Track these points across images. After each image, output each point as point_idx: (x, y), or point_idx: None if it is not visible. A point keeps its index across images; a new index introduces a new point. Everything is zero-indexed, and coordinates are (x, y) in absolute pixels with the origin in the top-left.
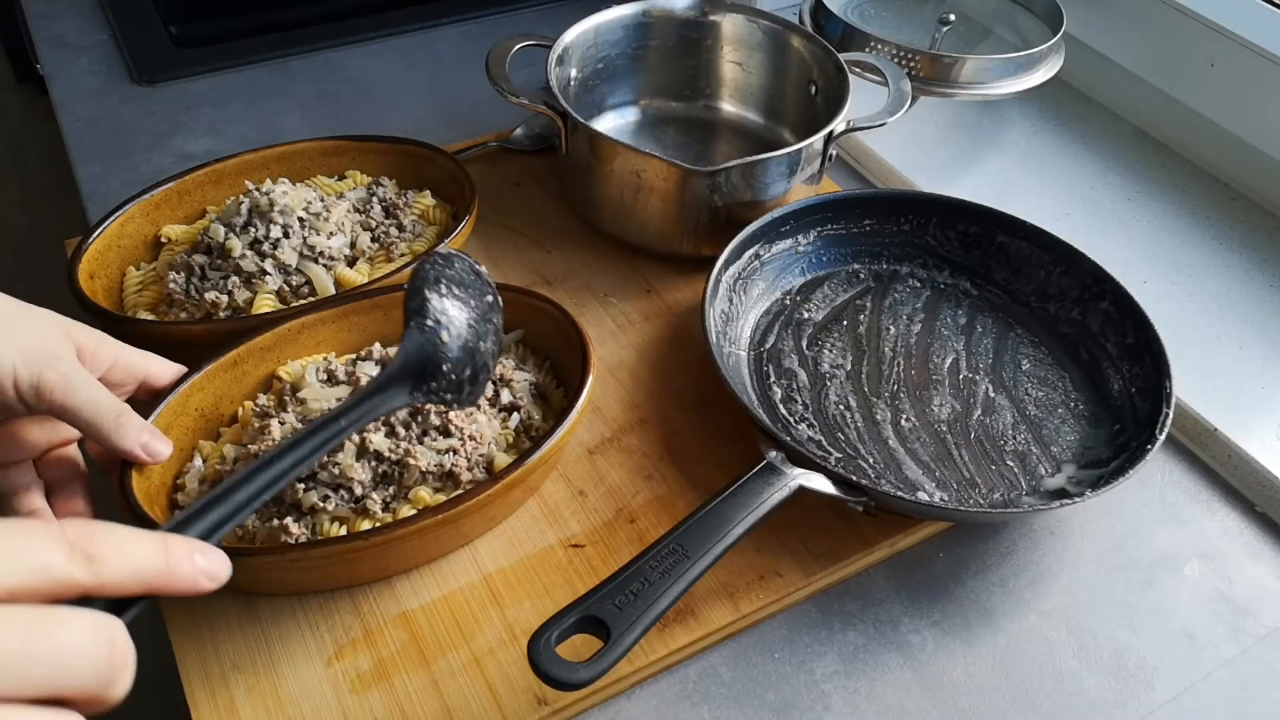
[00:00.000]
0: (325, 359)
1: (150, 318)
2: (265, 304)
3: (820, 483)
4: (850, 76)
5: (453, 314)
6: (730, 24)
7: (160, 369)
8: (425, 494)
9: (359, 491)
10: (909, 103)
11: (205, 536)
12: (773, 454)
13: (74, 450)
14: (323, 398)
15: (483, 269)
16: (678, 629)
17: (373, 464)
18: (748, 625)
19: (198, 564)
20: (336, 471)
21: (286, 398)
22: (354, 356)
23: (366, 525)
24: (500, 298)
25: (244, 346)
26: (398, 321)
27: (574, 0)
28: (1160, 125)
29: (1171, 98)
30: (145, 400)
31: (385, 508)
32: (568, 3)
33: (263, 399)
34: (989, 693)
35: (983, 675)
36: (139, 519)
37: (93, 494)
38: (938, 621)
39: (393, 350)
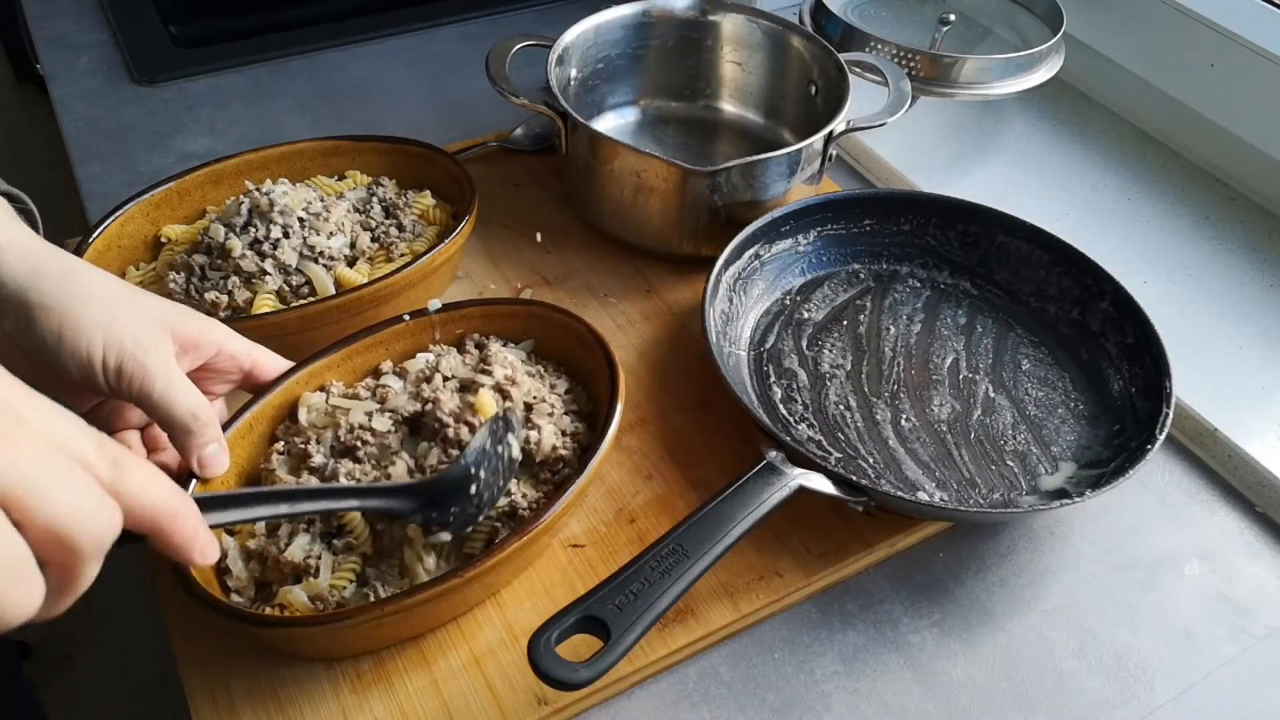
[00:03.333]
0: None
1: None
2: (265, 304)
3: (820, 483)
4: (850, 76)
5: (490, 475)
6: (730, 24)
7: (267, 361)
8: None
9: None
10: (909, 103)
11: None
12: (773, 454)
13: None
14: (352, 407)
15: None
16: (678, 629)
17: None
18: (748, 625)
19: (201, 534)
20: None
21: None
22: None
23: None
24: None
25: (255, 410)
26: (399, 354)
27: (574, 0)
28: (1160, 125)
29: (1171, 98)
30: (250, 392)
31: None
32: (568, 3)
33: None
34: (989, 693)
35: (983, 675)
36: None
37: None
38: (938, 621)
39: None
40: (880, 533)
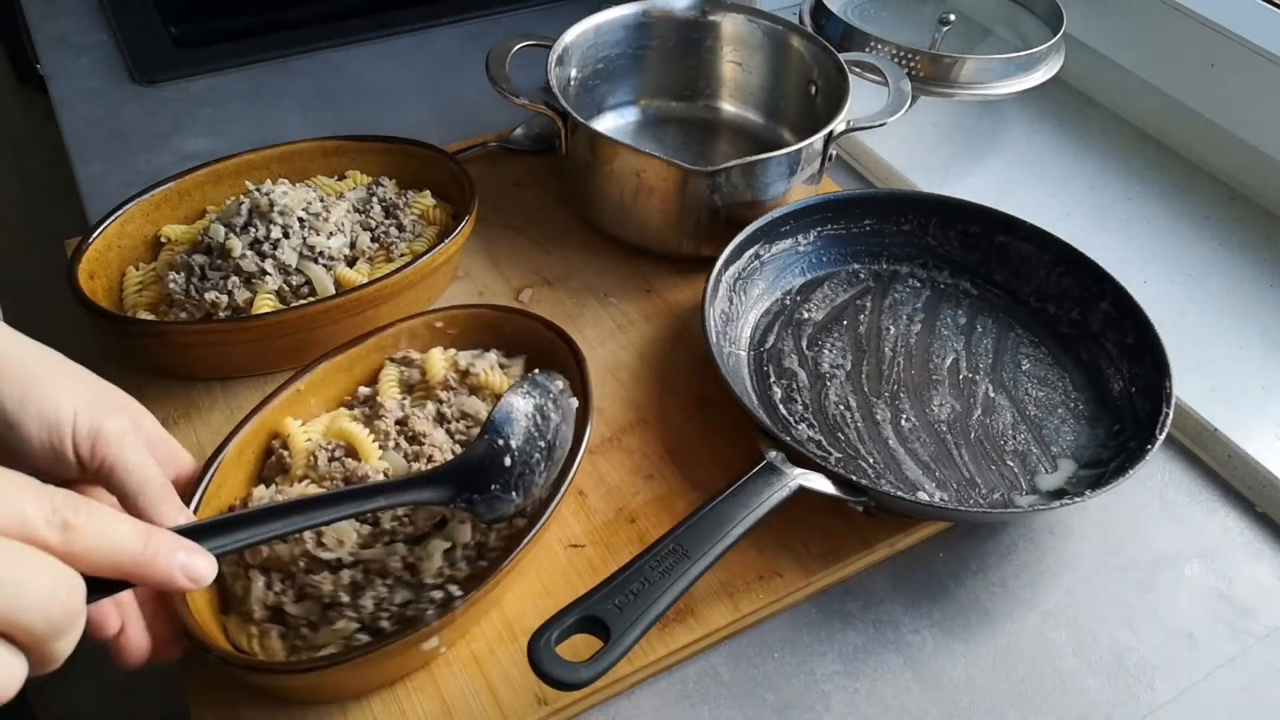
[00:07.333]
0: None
1: (150, 318)
2: (265, 304)
3: (820, 483)
4: (850, 76)
5: (526, 443)
6: (730, 24)
7: (190, 467)
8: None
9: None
10: (909, 103)
11: (212, 548)
12: (773, 454)
13: None
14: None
15: (572, 403)
16: (678, 629)
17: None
18: (748, 625)
19: (179, 560)
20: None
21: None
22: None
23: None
24: (577, 432)
25: (253, 426)
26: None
27: (574, 0)
28: (1160, 125)
29: (1171, 98)
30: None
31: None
32: (568, 3)
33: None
34: (989, 693)
35: (983, 675)
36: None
37: None
38: (938, 621)
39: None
40: (880, 533)
